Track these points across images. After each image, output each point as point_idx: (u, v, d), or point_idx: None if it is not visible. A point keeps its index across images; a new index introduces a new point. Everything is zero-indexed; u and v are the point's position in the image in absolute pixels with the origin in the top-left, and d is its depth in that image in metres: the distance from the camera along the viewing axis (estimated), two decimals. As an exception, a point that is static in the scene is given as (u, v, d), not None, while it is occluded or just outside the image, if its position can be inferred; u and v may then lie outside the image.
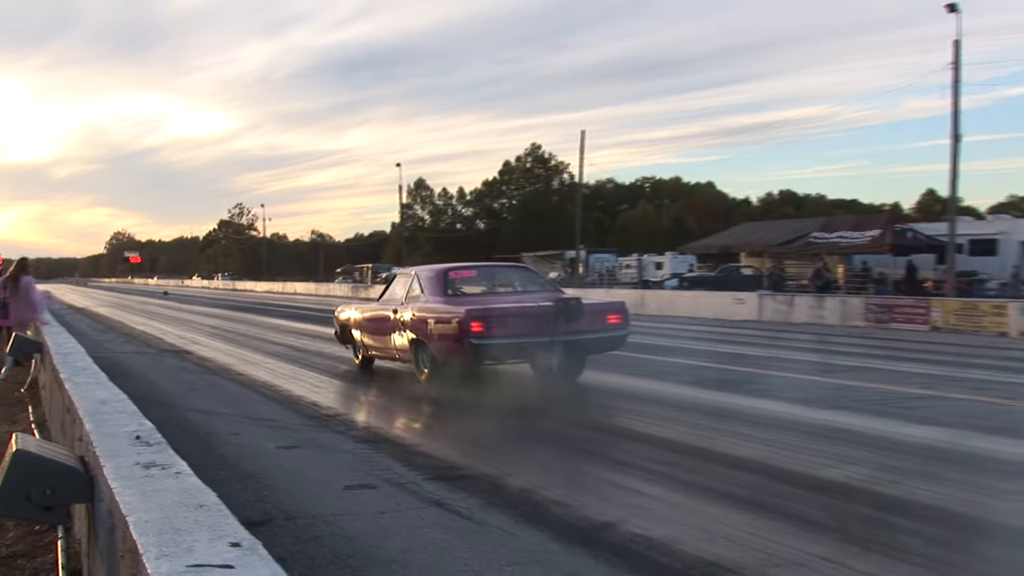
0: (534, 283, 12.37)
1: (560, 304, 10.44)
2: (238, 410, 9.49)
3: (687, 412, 8.88)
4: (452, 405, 9.77)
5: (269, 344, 18.05)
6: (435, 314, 10.79)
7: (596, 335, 10.79)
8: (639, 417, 8.64)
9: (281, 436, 7.85)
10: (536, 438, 7.64)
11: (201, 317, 29.59)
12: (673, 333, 20.70)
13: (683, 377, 11.84)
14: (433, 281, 11.76)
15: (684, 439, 7.51)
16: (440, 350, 10.73)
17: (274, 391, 11.01)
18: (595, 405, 9.50)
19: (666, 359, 14.33)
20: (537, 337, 10.28)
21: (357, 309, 13.61)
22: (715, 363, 13.50)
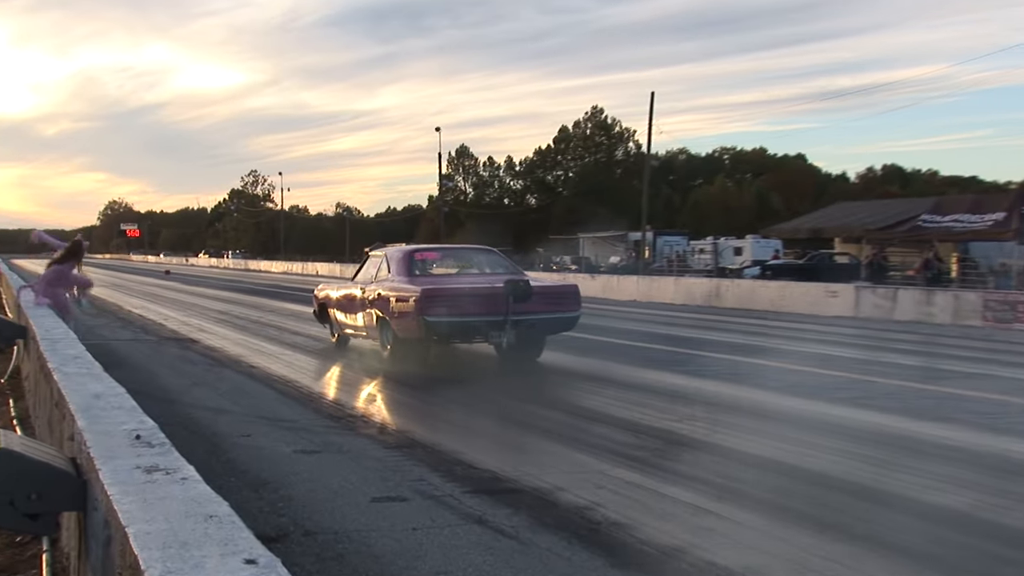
0: (499, 266, 14.38)
1: (509, 284, 12.38)
2: (250, 408, 9.60)
3: (769, 421, 8.82)
4: (493, 409, 9.82)
5: (286, 333, 18.23)
6: (396, 292, 12.90)
7: (546, 316, 12.78)
8: (714, 427, 8.60)
9: (299, 439, 7.93)
10: (593, 448, 7.64)
11: (208, 301, 29.97)
12: (753, 329, 20.54)
13: (760, 380, 11.76)
14: (400, 262, 13.94)
15: (766, 452, 7.45)
16: (400, 327, 12.82)
17: (291, 387, 11.13)
18: (658, 410, 9.47)
19: (744, 359, 14.24)
20: (488, 316, 12.31)
21: (334, 288, 15.93)
22: (801, 366, 13.39)
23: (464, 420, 9.20)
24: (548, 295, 13.04)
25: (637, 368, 13.13)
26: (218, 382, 11.51)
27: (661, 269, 52.19)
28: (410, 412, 9.77)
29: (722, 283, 32.77)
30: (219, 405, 9.75)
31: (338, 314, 15.47)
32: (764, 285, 31.36)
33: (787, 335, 19.30)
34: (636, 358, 14.33)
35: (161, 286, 41.08)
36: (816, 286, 28.65)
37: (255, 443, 7.76)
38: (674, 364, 13.59)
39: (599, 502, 6.00)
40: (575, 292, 13.37)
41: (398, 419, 9.20)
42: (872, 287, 27.71)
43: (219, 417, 9.01)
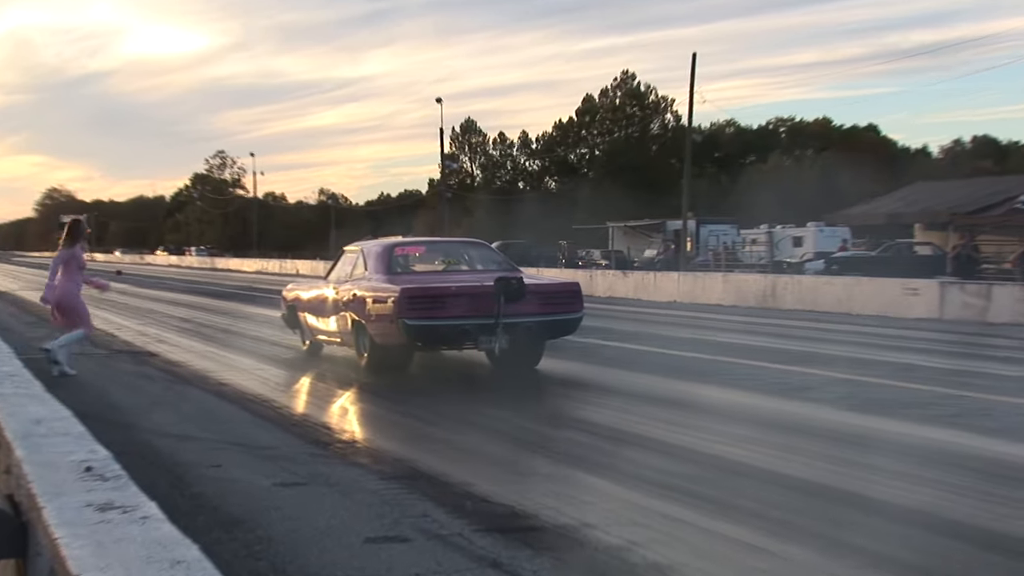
0: (491, 262, 14.94)
1: (500, 282, 12.71)
2: (220, 433, 9.63)
3: (838, 444, 8.81)
4: (504, 430, 9.84)
5: (262, 344, 18.30)
6: (374, 292, 13.35)
7: (543, 318, 13.21)
8: (769, 450, 8.59)
9: (279, 469, 7.95)
10: (625, 476, 7.63)
11: (168, 306, 30.09)
12: (816, 334, 20.51)
13: (825, 395, 11.74)
14: (378, 258, 14.44)
15: (832, 481, 7.44)
16: (377, 332, 13.28)
17: (269, 407, 11.17)
18: (701, 430, 9.47)
19: (804, 370, 14.22)
20: (477, 319, 12.72)
21: (304, 288, 16.57)
22: (876, 377, 13.37)
23: (471, 443, 9.21)
24: (545, 294, 13.55)
25: (676, 381, 13.15)
26: (182, 402, 11.55)
27: (706, 264, 52.23)
28: (407, 435, 9.78)
29: (779, 280, 32.72)
30: (183, 430, 9.79)
31: (309, 318, 15.99)
32: (829, 282, 31.31)
33: (858, 341, 19.26)
34: (675, 369, 14.34)
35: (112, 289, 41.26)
36: (892, 283, 28.57)
37: (227, 474, 7.78)
38: (721, 376, 13.58)
39: (635, 541, 6.00)
40: (576, 291, 13.89)
41: (395, 444, 9.22)
42: (960, 283, 27.62)
43: (184, 444, 9.04)
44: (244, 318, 25.15)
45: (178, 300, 33.80)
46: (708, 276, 37.19)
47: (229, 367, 14.86)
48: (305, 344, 16.48)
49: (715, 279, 35.63)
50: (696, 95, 52.96)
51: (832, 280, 31.76)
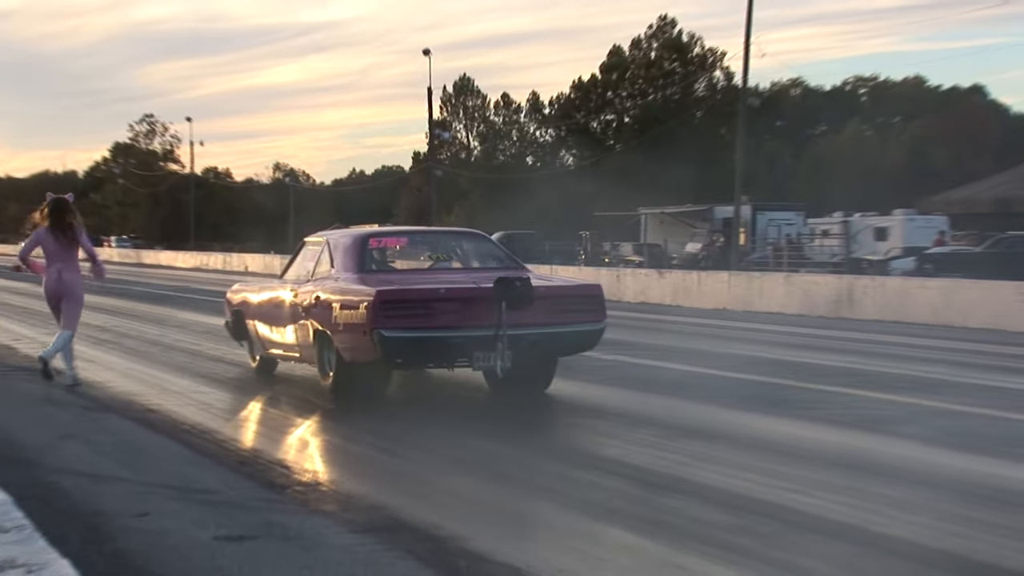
0: (490, 258, 15.03)
1: (501, 284, 12.61)
2: (148, 472, 9.62)
3: (941, 492, 8.80)
4: (506, 470, 9.84)
5: (201, 360, 18.33)
6: (342, 296, 13.33)
7: (555, 329, 13.16)
8: (853, 499, 8.59)
9: (223, 518, 7.94)
10: (662, 530, 7.63)
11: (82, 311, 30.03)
12: (905, 351, 20.49)
13: (920, 429, 11.74)
14: (348, 252, 14.46)
15: (936, 541, 7.43)
16: (346, 346, 13.23)
17: (210, 440, 11.18)
18: (763, 472, 9.45)
19: (894, 398, 14.21)
20: (472, 330, 12.64)
21: (254, 290, 16.62)
22: (984, 407, 13.36)
23: (465, 487, 9.21)
24: (558, 299, 13.50)
25: (723, 410, 13.13)
26: (99, 434, 11.55)
27: (764, 262, 52.21)
28: (385, 476, 9.77)
29: (857, 282, 32.69)
30: (102, 468, 9.78)
31: (260, 327, 15.94)
32: (922, 285, 31.27)
33: (959, 360, 19.26)
34: (723, 395, 14.32)
35: (7, 288, 41.25)
36: (1004, 286, 28.51)
37: (157, 525, 7.78)
38: (782, 404, 13.58)
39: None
40: (596, 295, 13.83)
41: (369, 486, 9.21)
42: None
43: (102, 487, 9.04)
44: (178, 327, 25.15)
45: (94, 304, 33.66)
46: (766, 277, 37.18)
47: (159, 389, 14.86)
48: (255, 360, 16.50)
49: (775, 281, 35.63)
50: (753, 47, 52.98)
51: (926, 283, 31.71)
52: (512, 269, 14.20)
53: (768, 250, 55.38)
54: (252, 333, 16.35)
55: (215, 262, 79.38)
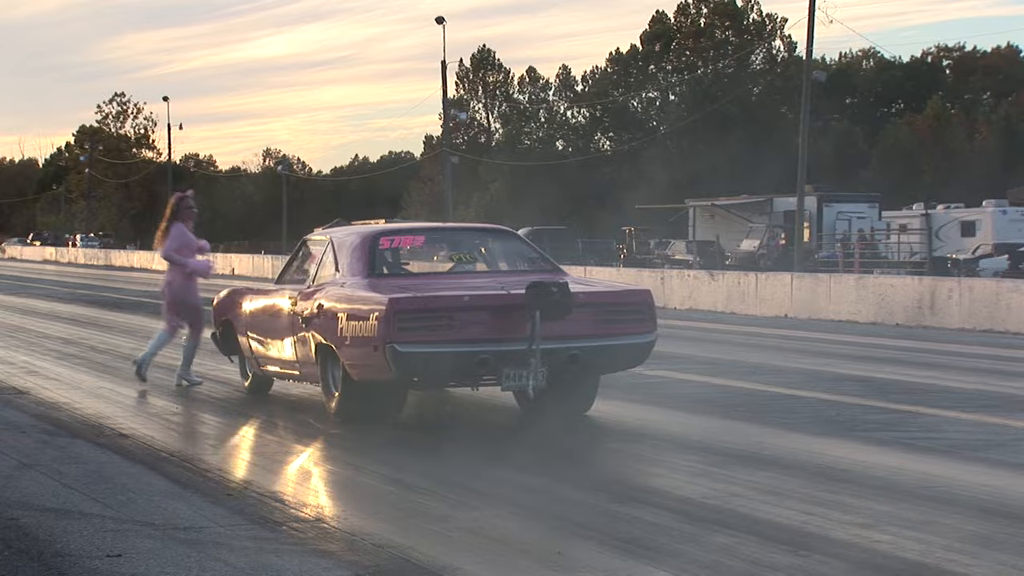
0: (520, 258, 14.99)
1: (535, 290, 12.40)
2: (120, 507, 9.66)
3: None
4: (534, 503, 9.86)
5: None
6: (349, 305, 13.20)
7: (598, 342, 13.05)
8: (942, 538, 8.61)
9: (208, 560, 7.98)
10: (714, 574, 7.68)
11: (43, 321, 30.21)
12: (1002, 365, 20.44)
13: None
14: (355, 252, 14.26)
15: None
16: (354, 363, 13.10)
17: (192, 469, 11.24)
18: (833, 507, 9.48)
19: (993, 420, 14.20)
20: (501, 344, 12.54)
21: (246, 297, 16.47)
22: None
23: (489, 524, 9.23)
24: (601, 307, 13.40)
25: (786, 433, 13.18)
26: (65, 463, 11.59)
27: (832, 261, 52.11)
28: (395, 510, 9.81)
29: (941, 285, 32.58)
30: (67, 502, 9.83)
31: (253, 340, 15.80)
32: (1016, 288, 31.10)
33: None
34: (786, 416, 14.34)
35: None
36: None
37: (131, 568, 7.82)
38: (857, 428, 13.59)
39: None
40: (646, 302, 13.70)
41: (376, 522, 9.24)
42: None
43: (68, 523, 9.08)
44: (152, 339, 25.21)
45: (57, 312, 33.92)
46: (835, 279, 37.07)
47: (133, 411, 14.96)
48: (247, 379, 16.45)
49: (846, 283, 35.53)
50: (819, 12, 52.94)
51: (1021, 285, 31.50)
52: (546, 272, 14.09)
53: (837, 248, 55.35)
54: (244, 347, 16.19)
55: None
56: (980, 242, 50.80)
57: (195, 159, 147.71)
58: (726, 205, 68.48)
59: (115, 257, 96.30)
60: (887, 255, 53.85)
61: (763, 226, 62.68)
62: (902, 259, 52.27)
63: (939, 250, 50.81)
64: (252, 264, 71.53)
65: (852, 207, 62.11)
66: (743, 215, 66.50)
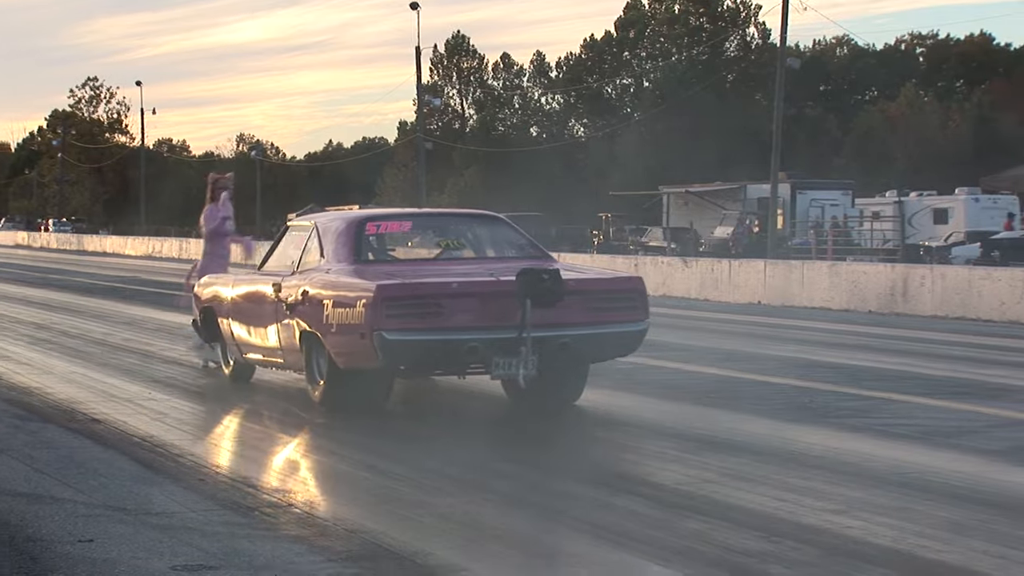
0: (508, 245, 14.80)
1: (526, 277, 12.25)
2: (93, 492, 9.64)
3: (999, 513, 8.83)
4: (510, 490, 9.90)
5: (154, 362, 18.40)
6: (335, 291, 13.08)
7: (589, 330, 12.96)
8: (913, 524, 8.61)
9: (180, 545, 7.97)
10: (686, 559, 7.68)
11: (14, 306, 30.09)
12: (973, 352, 20.50)
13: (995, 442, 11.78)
14: (341, 238, 14.10)
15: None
16: (340, 351, 12.97)
17: (165, 455, 11.20)
18: (806, 493, 9.48)
19: (963, 407, 14.23)
20: (491, 331, 12.42)
21: (227, 283, 16.19)
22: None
23: (462, 510, 9.23)
24: (593, 295, 13.31)
25: (759, 419, 13.20)
26: (37, 448, 11.55)
27: (805, 248, 52.19)
28: (369, 497, 9.80)
29: (914, 272, 32.62)
30: (39, 487, 9.80)
31: (235, 326, 15.55)
32: (988, 275, 31.16)
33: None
34: (759, 403, 14.35)
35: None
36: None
37: (103, 553, 7.80)
38: (830, 415, 13.61)
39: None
40: (638, 290, 13.54)
41: (350, 509, 9.26)
42: None
43: (40, 508, 9.06)
44: (127, 324, 25.15)
45: (29, 297, 33.81)
46: (808, 266, 37.11)
47: (105, 396, 14.91)
48: (228, 366, 16.21)
49: (819, 270, 35.57)
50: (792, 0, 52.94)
51: (992, 273, 31.55)
52: (536, 259, 13.94)
53: (810, 235, 55.39)
54: (226, 335, 15.85)
55: (170, 249, 79.20)
56: (952, 230, 50.92)
57: (168, 144, 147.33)
58: (700, 192, 68.52)
59: (88, 242, 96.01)
60: (860, 242, 53.97)
61: (737, 213, 62.75)
62: (875, 246, 52.38)
63: (912, 237, 50.92)
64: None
65: (825, 194, 62.19)
66: (717, 202, 66.54)
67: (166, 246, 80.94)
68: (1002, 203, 51.68)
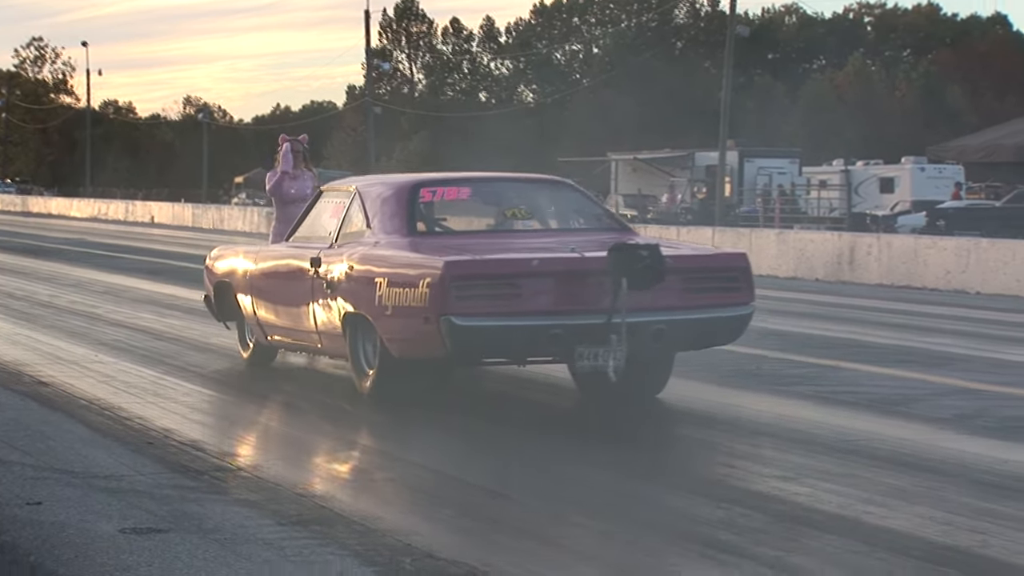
0: (585, 215, 13.21)
1: (621, 254, 10.80)
2: (39, 455, 9.62)
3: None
4: (456, 456, 9.87)
5: (100, 324, 18.38)
6: (390, 268, 11.48)
7: (688, 315, 11.39)
8: (857, 490, 8.66)
9: (130, 508, 7.94)
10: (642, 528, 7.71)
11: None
12: (918, 321, 20.60)
13: (941, 410, 11.86)
14: (389, 206, 12.47)
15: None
16: (395, 336, 11.38)
17: (113, 417, 11.17)
18: (755, 460, 9.52)
19: (909, 375, 14.30)
20: (582, 316, 10.87)
21: (248, 256, 14.43)
22: (1006, 385, 13.46)
23: (408, 472, 9.25)
24: (692, 272, 11.82)
25: (705, 387, 13.27)
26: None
27: (753, 216, 52.32)
28: (325, 460, 9.80)
29: (860, 241, 32.79)
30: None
31: (259, 305, 13.84)
32: (933, 244, 31.33)
33: (974, 331, 19.40)
34: (704, 371, 14.29)
35: None
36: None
37: (51, 516, 7.77)
38: (776, 382, 13.70)
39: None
40: (742, 266, 12.08)
41: (299, 472, 9.28)
42: None
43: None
44: (73, 286, 25.03)
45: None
46: (756, 234, 37.21)
47: (52, 358, 14.86)
48: (246, 350, 14.55)
49: (766, 238, 35.70)
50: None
51: (938, 242, 31.74)
52: (615, 231, 12.61)
53: (757, 203, 55.54)
54: (247, 314, 14.12)
55: (116, 211, 78.69)
56: (899, 199, 51.12)
57: (115, 105, 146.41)
58: (648, 159, 68.50)
59: (32, 203, 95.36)
60: (807, 211, 54.10)
61: (685, 180, 62.86)
62: (822, 215, 52.52)
63: (858, 206, 51.08)
64: (172, 213, 71.07)
65: (773, 162, 62.26)
66: (665, 169, 66.53)
67: (112, 208, 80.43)
68: (947, 172, 51.84)
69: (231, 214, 64.41)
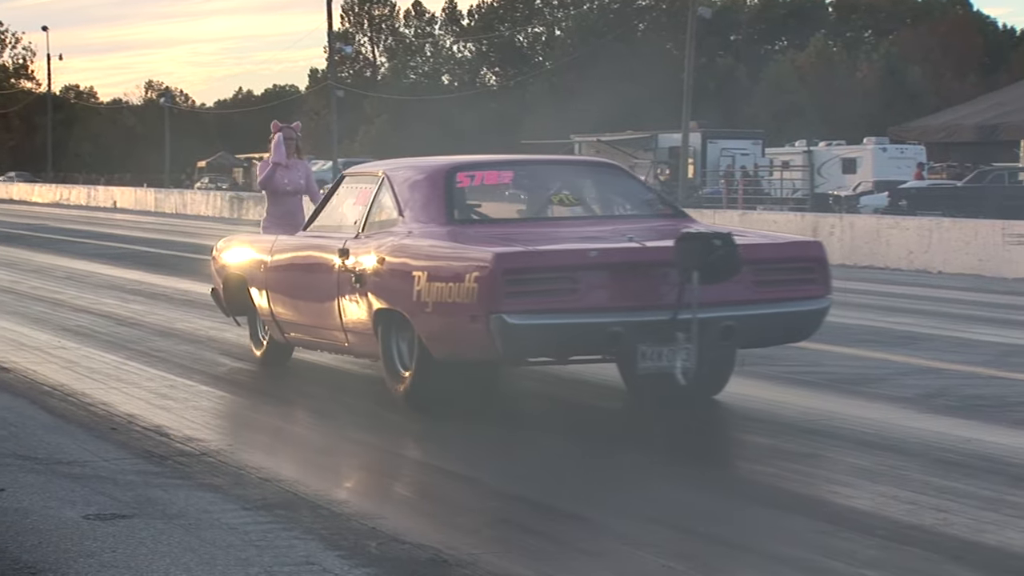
0: (629, 199, 12.28)
1: (691, 244, 9.89)
2: (3, 442, 9.60)
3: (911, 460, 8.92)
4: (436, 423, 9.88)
5: (62, 310, 18.30)
6: (428, 260, 10.52)
7: (760, 309, 10.44)
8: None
9: (92, 494, 7.94)
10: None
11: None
12: (882, 300, 20.67)
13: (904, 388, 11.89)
14: (423, 191, 11.50)
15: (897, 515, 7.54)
16: (437, 335, 10.42)
17: (77, 404, 11.15)
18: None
19: (873, 356, 14.35)
20: (645, 313, 10.00)
21: (263, 247, 13.37)
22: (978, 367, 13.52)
23: (371, 457, 9.25)
24: (766, 264, 10.74)
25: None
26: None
27: (716, 197, 52.41)
28: (285, 445, 9.79)
29: (822, 221, 32.87)
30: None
31: (276, 300, 12.79)
32: (895, 224, 31.42)
33: (936, 310, 19.52)
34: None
35: None
36: (988, 226, 28.74)
37: (15, 502, 7.78)
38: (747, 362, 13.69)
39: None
40: (818, 257, 10.98)
41: (263, 457, 9.29)
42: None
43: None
44: (35, 272, 24.93)
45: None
46: (719, 215, 37.26)
47: (14, 344, 14.82)
48: (259, 347, 13.57)
49: (730, 219, 35.66)
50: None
51: (900, 222, 31.82)
52: (672, 218, 11.79)
53: (720, 184, 55.62)
54: (263, 309, 13.07)
55: (78, 196, 78.44)
56: (861, 179, 51.25)
57: (76, 90, 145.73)
58: (611, 141, 68.55)
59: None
60: (770, 192, 54.27)
61: (649, 163, 62.91)
62: (784, 196, 52.68)
63: (821, 187, 51.23)
64: (135, 198, 70.80)
65: (736, 144, 62.50)
66: (627, 151, 66.55)
67: (73, 194, 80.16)
68: (909, 153, 52.05)
69: (194, 199, 64.30)
